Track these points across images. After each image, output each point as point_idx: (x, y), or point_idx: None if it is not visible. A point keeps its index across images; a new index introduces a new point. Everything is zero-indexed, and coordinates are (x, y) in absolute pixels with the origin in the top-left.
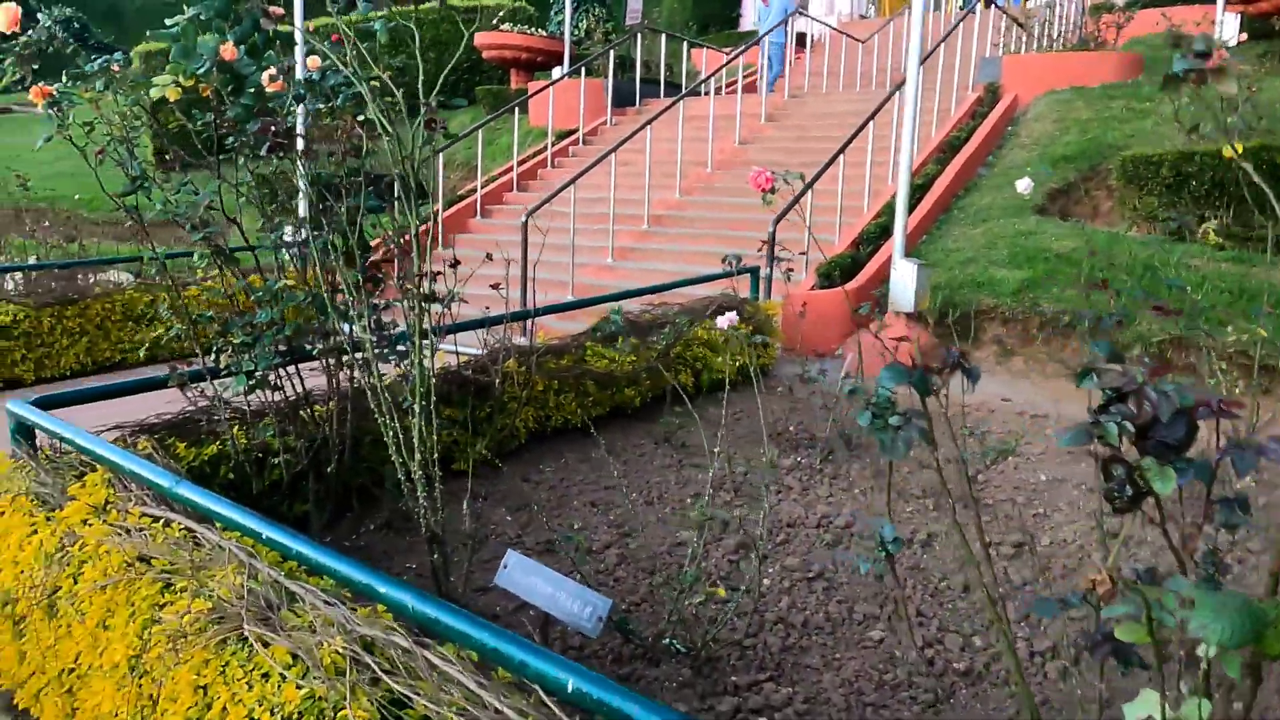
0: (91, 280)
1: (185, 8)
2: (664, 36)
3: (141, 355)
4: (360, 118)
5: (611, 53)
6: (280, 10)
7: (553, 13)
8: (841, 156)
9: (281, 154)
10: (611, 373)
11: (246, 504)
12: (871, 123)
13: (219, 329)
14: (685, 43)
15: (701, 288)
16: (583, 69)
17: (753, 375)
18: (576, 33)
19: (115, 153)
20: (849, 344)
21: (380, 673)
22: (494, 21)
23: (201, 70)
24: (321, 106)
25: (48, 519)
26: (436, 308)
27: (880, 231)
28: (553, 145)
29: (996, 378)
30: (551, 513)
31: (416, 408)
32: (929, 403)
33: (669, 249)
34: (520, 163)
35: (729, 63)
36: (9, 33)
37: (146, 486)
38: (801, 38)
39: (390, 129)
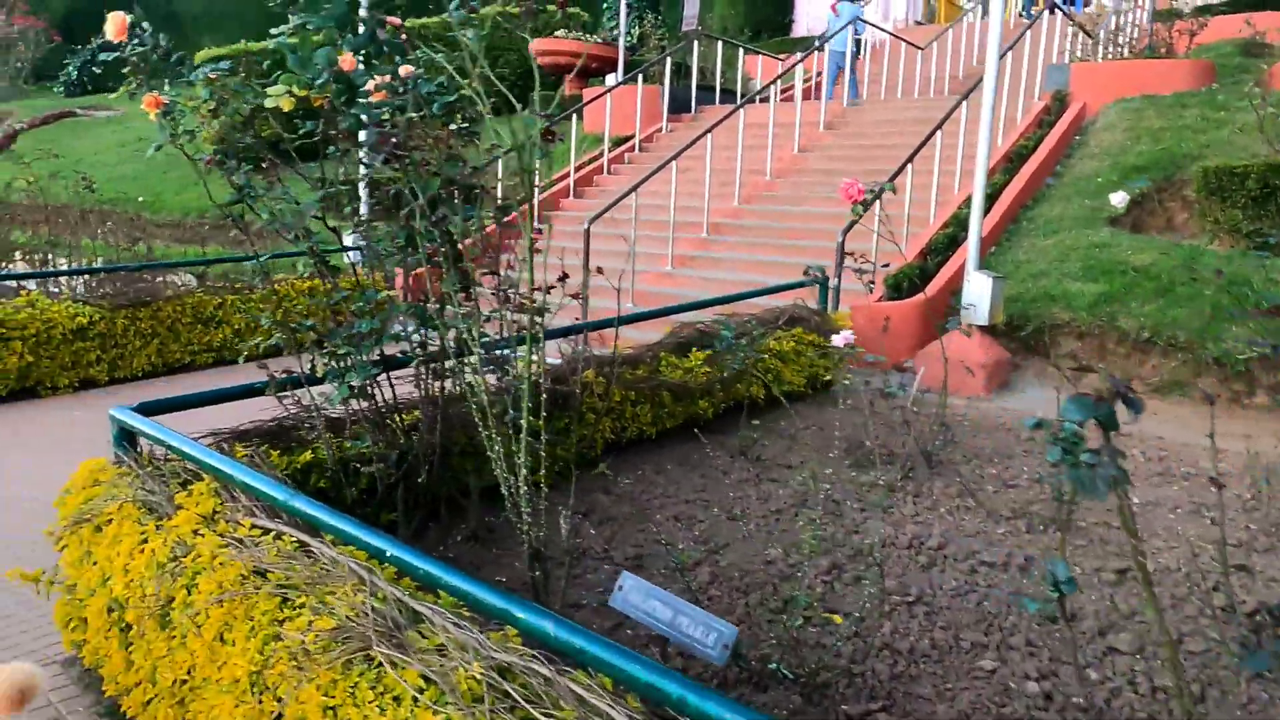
0: (160, 281)
1: (290, 17)
2: (720, 43)
3: (209, 359)
4: (451, 126)
5: (668, 59)
6: (397, 20)
7: (605, 19)
8: (909, 165)
9: (395, 164)
10: (686, 384)
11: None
12: (939, 131)
13: (316, 337)
14: (741, 49)
15: (771, 297)
16: (639, 75)
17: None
18: (629, 39)
19: (218, 159)
20: (920, 356)
21: (521, 701)
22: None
23: (320, 81)
24: (414, 115)
25: (158, 527)
26: (524, 317)
27: (948, 242)
28: (609, 152)
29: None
30: (634, 527)
31: (524, 422)
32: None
33: (728, 257)
34: (576, 169)
35: (789, 69)
36: (117, 41)
37: (256, 497)
38: (858, 44)
39: (501, 136)
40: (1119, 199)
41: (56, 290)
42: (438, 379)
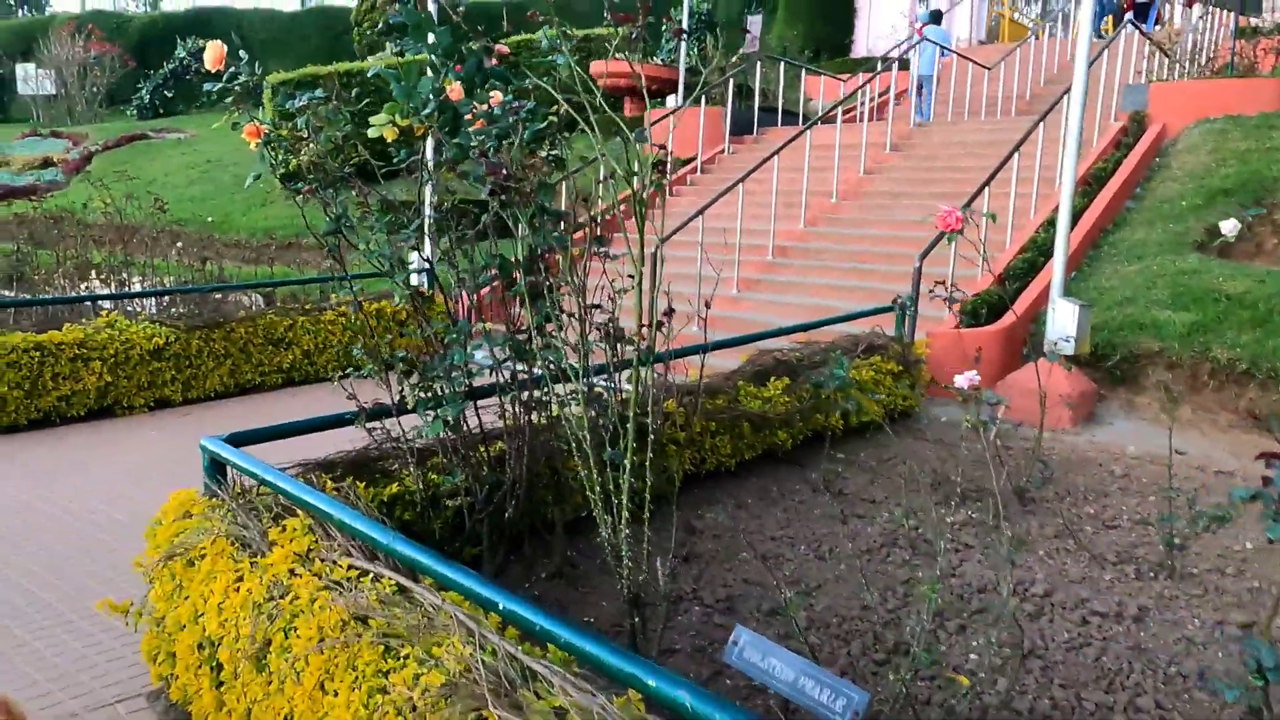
0: (232, 301)
1: (387, 45)
2: (781, 64)
3: (279, 379)
4: (543, 153)
5: (730, 81)
6: (506, 49)
7: (663, 40)
8: (987, 188)
9: (502, 195)
10: (765, 414)
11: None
12: (1016, 153)
13: (407, 368)
14: (803, 70)
15: (848, 323)
16: (702, 97)
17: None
18: (689, 60)
19: (316, 187)
20: (1002, 386)
21: None
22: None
23: (427, 111)
24: (510, 142)
25: (252, 564)
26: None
27: (1026, 267)
28: (671, 173)
29: (1161, 427)
30: (721, 565)
31: (628, 462)
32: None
33: (795, 281)
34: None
35: (858, 90)
36: (214, 69)
37: (353, 536)
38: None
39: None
40: (1230, 227)
41: (133, 310)
42: (525, 409)
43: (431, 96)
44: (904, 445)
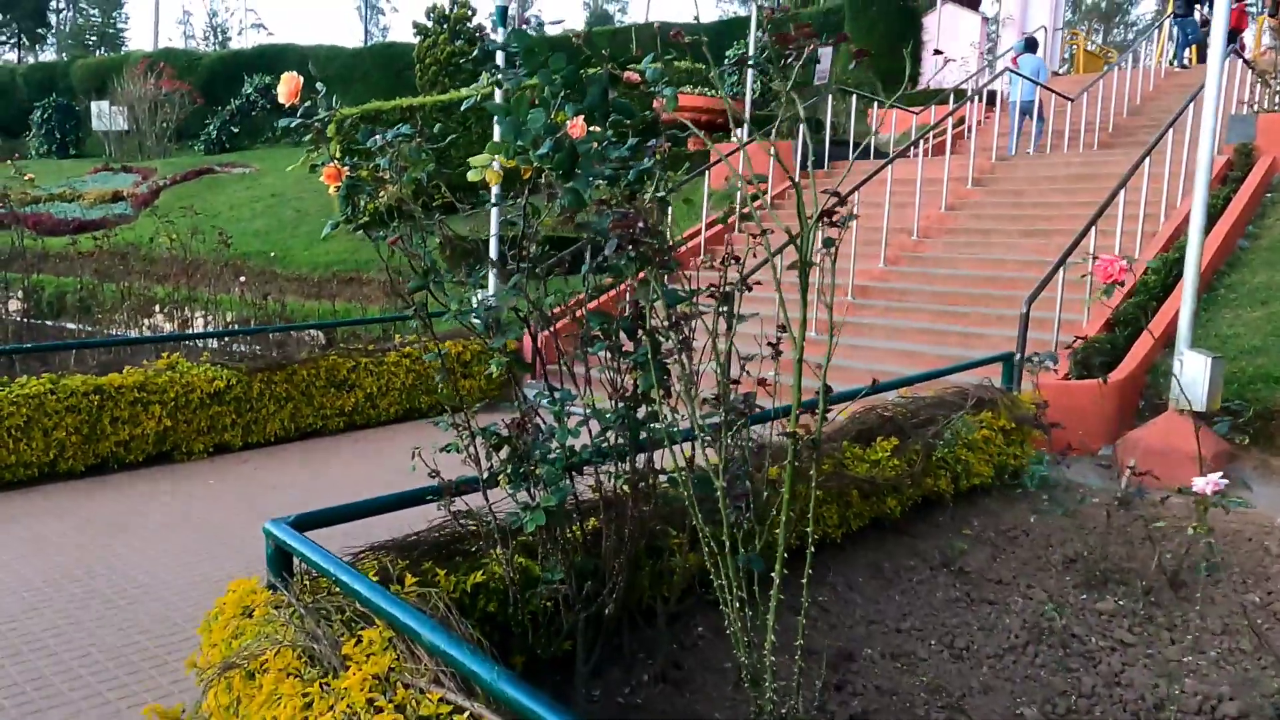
0: (293, 338)
1: (484, 74)
2: (854, 98)
3: (341, 424)
4: (648, 195)
5: (800, 113)
6: (636, 76)
7: (727, 74)
8: (1094, 227)
9: (632, 250)
10: (874, 479)
11: (503, 639)
12: (1122, 189)
13: (496, 441)
14: (876, 102)
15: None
16: (773, 130)
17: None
18: (754, 93)
19: (402, 236)
20: (1124, 446)
21: None
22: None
23: (542, 150)
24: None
25: (323, 688)
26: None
27: (1137, 312)
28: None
29: None
30: (845, 665)
31: (779, 545)
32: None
33: (878, 323)
34: (707, 226)
35: (940, 122)
36: (288, 103)
37: (446, 662)
38: (993, 97)
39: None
40: None
41: (194, 345)
42: (630, 485)
43: (544, 133)
44: (1020, 512)
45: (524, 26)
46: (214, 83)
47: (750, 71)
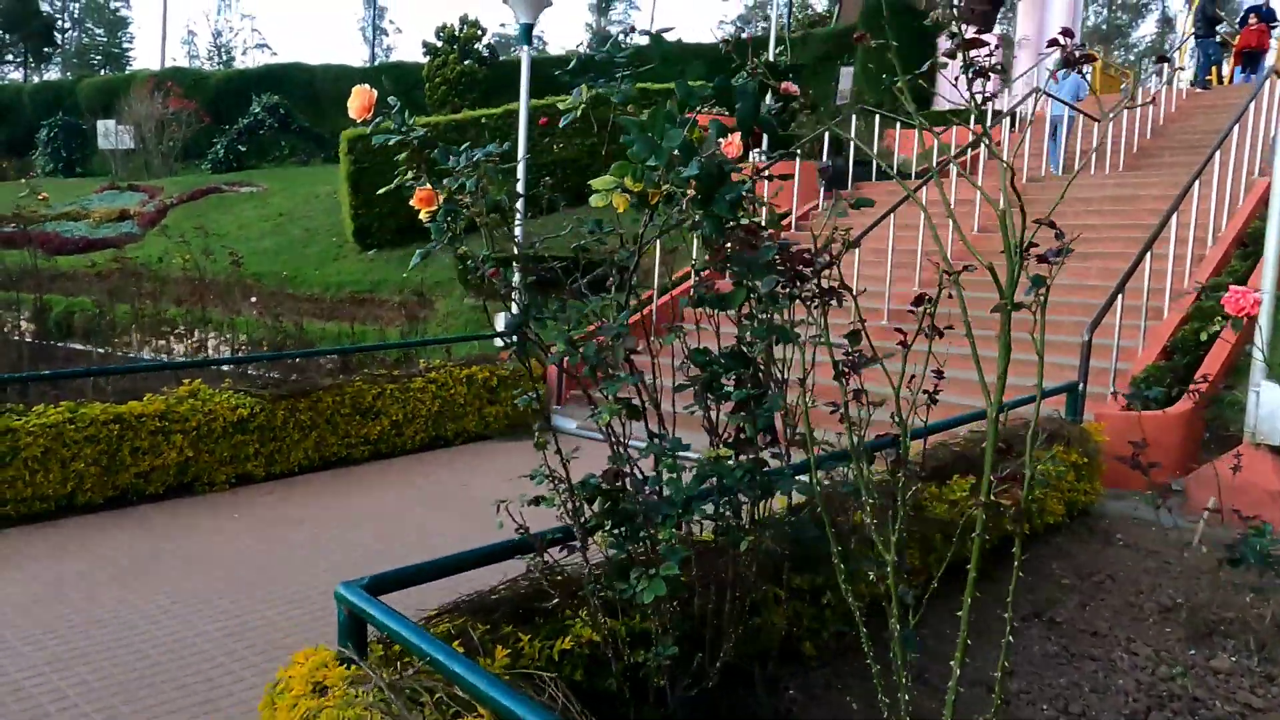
0: (312, 362)
1: (583, 90)
2: (877, 117)
3: (366, 452)
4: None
5: (825, 134)
6: (794, 87)
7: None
8: (1149, 252)
9: (798, 286)
10: (954, 519)
11: (591, 706)
12: (1174, 213)
13: (587, 494)
14: (898, 122)
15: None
16: (798, 151)
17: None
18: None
19: (500, 268)
20: (1195, 480)
21: None
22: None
23: (688, 173)
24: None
25: None
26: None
27: (1194, 340)
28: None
29: None
30: None
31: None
32: None
33: (918, 349)
34: None
35: (976, 141)
36: (360, 119)
37: None
38: (1013, 117)
39: None
40: None
41: (211, 364)
42: (730, 540)
43: (680, 152)
44: (1097, 553)
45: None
46: (221, 101)
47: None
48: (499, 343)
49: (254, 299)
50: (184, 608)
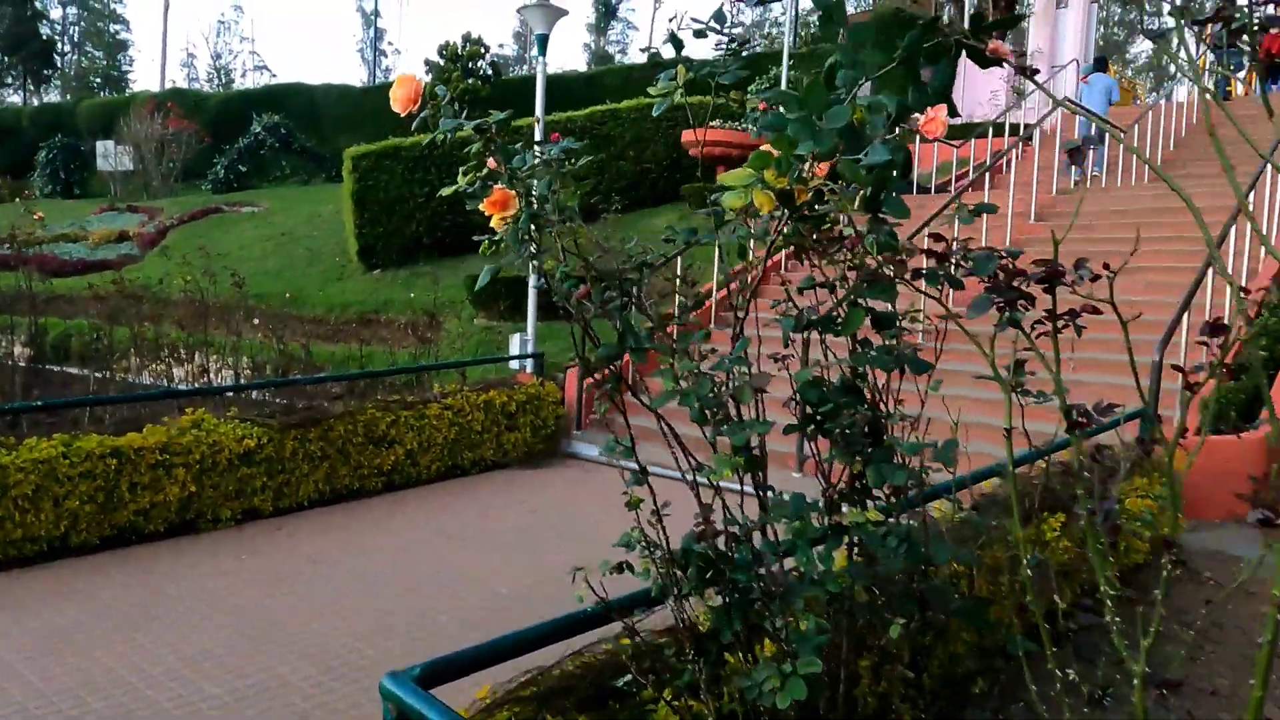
0: (326, 387)
1: (659, 81)
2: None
3: (380, 484)
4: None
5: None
6: (1003, 45)
7: (748, 109)
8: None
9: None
10: (1046, 562)
11: None
12: (1231, 224)
13: (679, 556)
14: (916, 137)
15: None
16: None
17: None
18: None
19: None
20: None
21: None
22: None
23: (869, 160)
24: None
25: None
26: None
27: (1265, 359)
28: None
29: None
30: None
31: None
32: None
33: (959, 369)
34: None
35: (1005, 153)
36: (404, 113)
37: None
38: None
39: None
40: None
41: (216, 390)
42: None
43: (844, 136)
44: (1191, 595)
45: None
46: (222, 122)
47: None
48: (515, 364)
49: (256, 321)
50: (190, 667)
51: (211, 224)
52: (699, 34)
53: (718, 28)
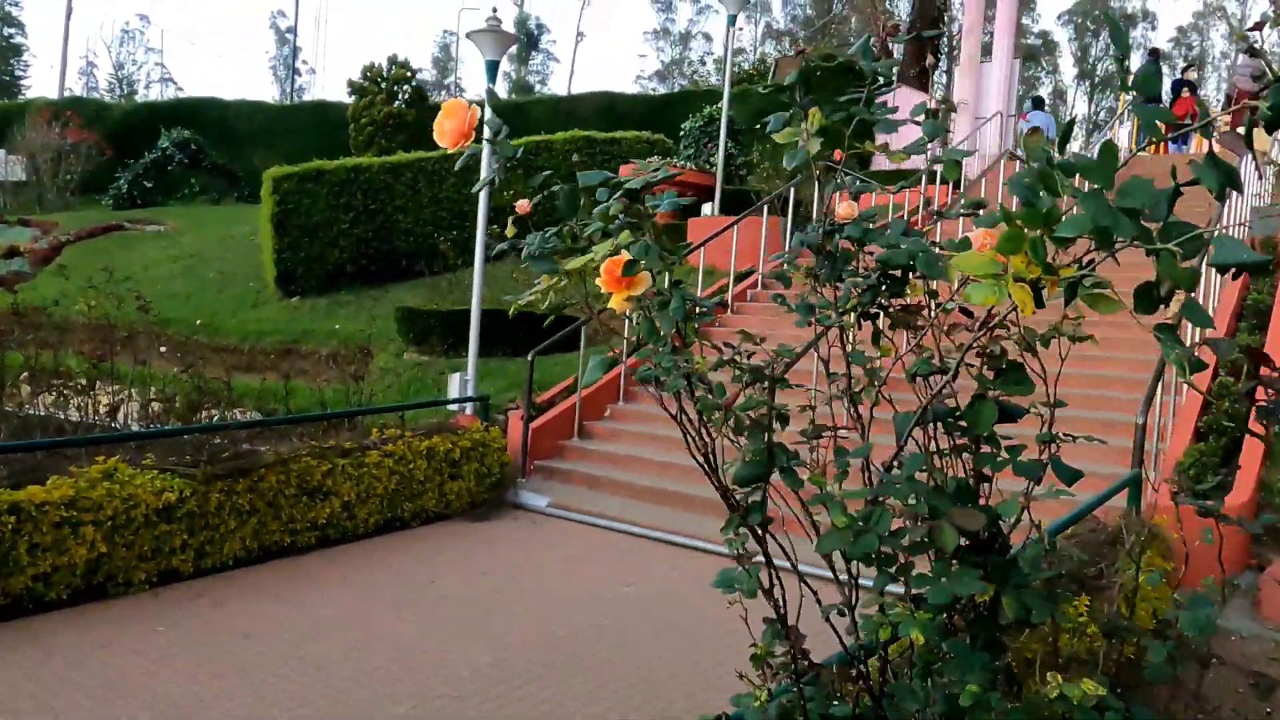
0: (243, 433)
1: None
2: (839, 175)
3: (313, 539)
4: None
5: (792, 191)
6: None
7: (682, 146)
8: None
9: None
10: (1074, 654)
11: None
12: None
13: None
14: (858, 181)
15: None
16: (764, 207)
17: None
18: (710, 167)
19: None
20: (1265, 581)
21: None
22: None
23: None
24: None
25: None
26: None
27: (1226, 419)
28: (733, 287)
29: None
30: None
31: None
32: None
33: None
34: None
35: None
36: (453, 149)
37: None
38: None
39: None
40: None
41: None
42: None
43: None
44: (1195, 675)
45: None
46: (126, 135)
47: (723, 144)
48: (454, 406)
49: (164, 349)
50: None
51: (113, 242)
52: None
53: None
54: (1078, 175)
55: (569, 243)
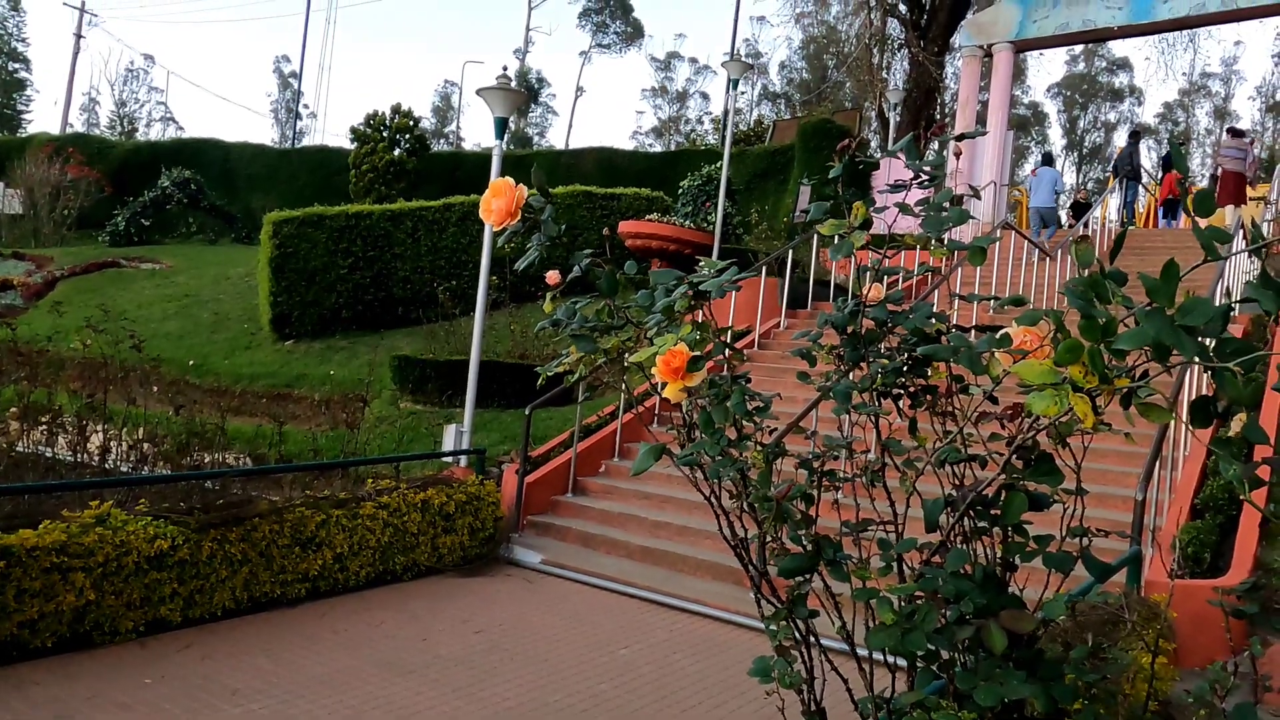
0: (236, 483)
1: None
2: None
3: (303, 590)
4: None
5: (789, 252)
6: None
7: (680, 204)
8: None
9: None
10: None
11: None
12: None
13: None
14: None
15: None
16: (763, 269)
17: None
18: (708, 226)
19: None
20: (1267, 666)
21: None
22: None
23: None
24: None
25: None
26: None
27: (1224, 495)
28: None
29: None
30: None
31: None
32: None
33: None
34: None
35: (951, 272)
36: (499, 228)
37: None
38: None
39: None
40: None
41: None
42: None
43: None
44: None
45: None
46: (126, 172)
47: (721, 201)
48: (449, 458)
49: (156, 388)
50: None
51: (107, 278)
52: None
53: None
54: (1145, 292)
55: (607, 319)
